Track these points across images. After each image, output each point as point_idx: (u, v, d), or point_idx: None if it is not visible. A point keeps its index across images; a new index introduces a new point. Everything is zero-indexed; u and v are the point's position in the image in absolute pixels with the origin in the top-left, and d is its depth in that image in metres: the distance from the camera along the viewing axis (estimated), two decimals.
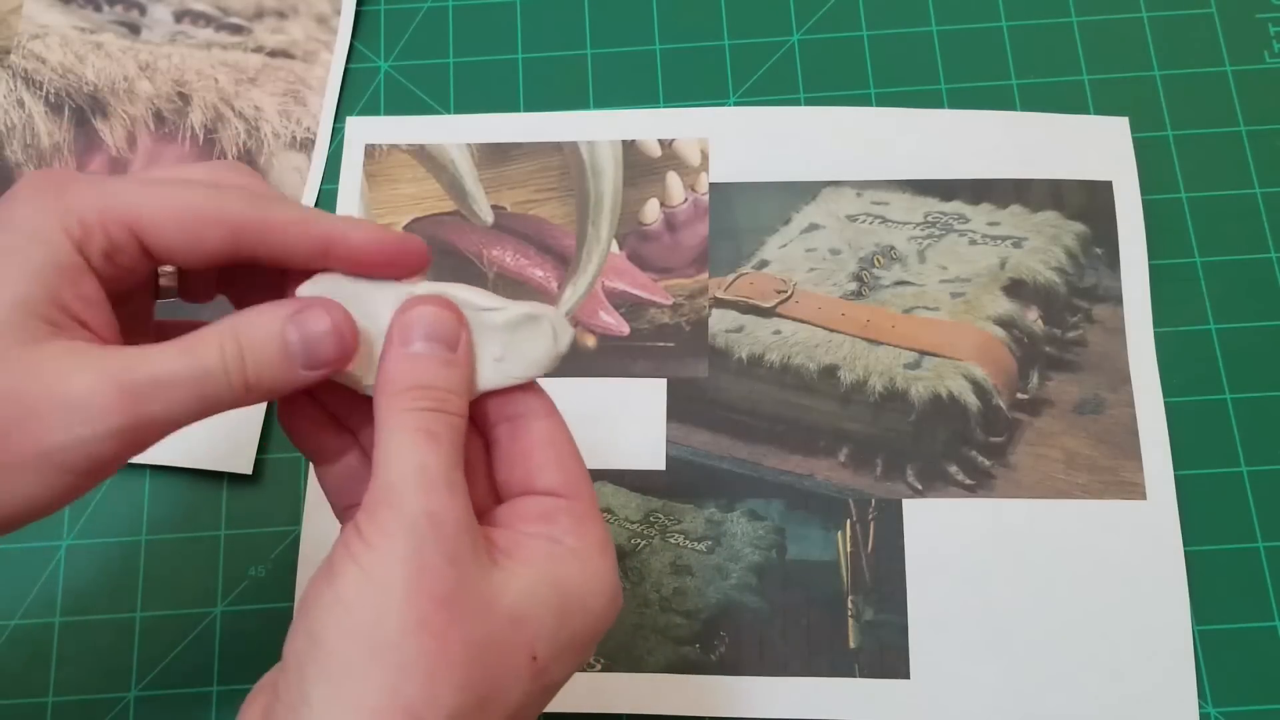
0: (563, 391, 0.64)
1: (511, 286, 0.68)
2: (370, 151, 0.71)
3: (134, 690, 0.63)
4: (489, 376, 0.46)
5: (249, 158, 0.71)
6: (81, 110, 0.72)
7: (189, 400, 0.42)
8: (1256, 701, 0.60)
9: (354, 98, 0.73)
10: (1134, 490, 0.63)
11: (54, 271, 0.43)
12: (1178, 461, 0.63)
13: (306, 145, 0.71)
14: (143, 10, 0.74)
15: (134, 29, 0.74)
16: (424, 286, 0.46)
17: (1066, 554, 0.62)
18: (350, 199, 0.70)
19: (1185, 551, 0.62)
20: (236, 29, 0.74)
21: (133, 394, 0.41)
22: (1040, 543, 0.62)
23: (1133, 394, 0.64)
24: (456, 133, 0.71)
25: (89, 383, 0.41)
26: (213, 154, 0.71)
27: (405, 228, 0.69)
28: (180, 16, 0.74)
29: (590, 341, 0.67)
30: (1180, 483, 0.63)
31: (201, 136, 0.71)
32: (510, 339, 0.46)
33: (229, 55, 0.73)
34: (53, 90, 0.72)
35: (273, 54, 0.73)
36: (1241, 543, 0.63)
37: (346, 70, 0.73)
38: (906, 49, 0.72)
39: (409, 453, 0.42)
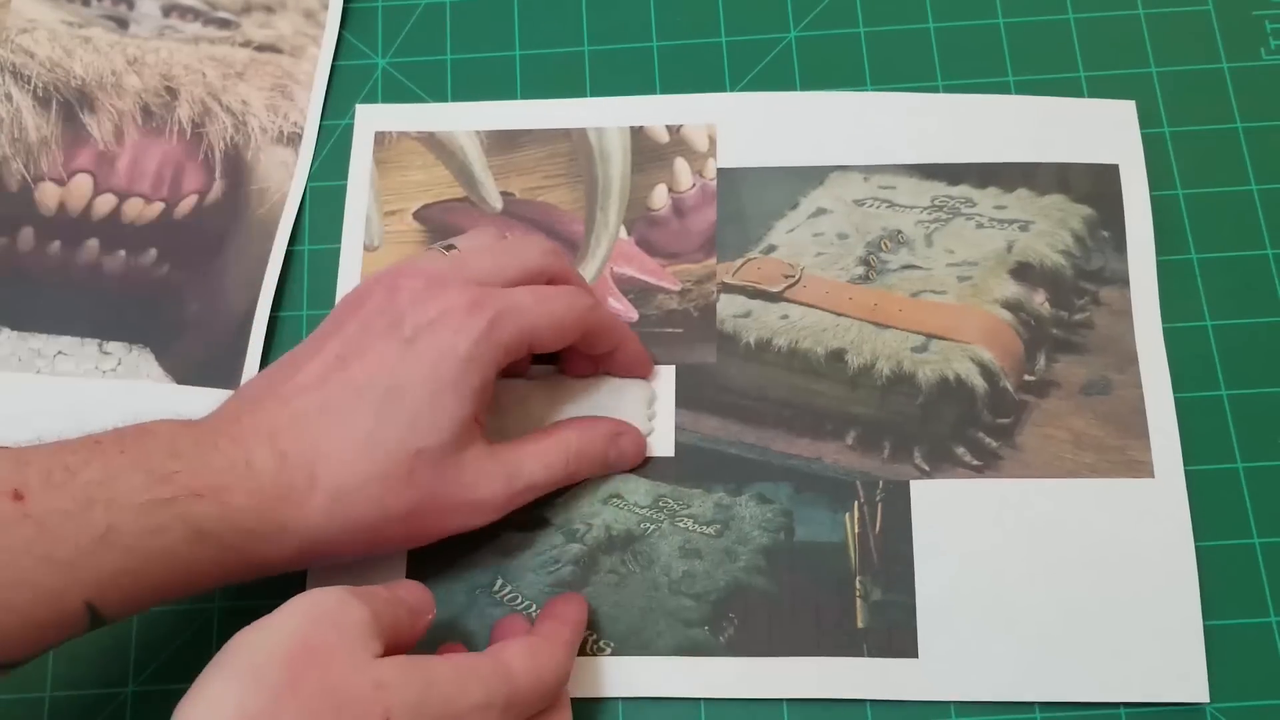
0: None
1: None
2: (380, 139, 0.71)
3: (131, 685, 0.62)
4: None
5: (236, 152, 0.71)
6: (69, 104, 0.72)
7: (537, 497, 0.61)
8: (1257, 697, 0.60)
9: (352, 94, 0.73)
10: (1142, 469, 0.63)
11: (482, 392, 0.57)
12: None
13: (294, 140, 0.72)
14: (130, 4, 0.74)
15: (122, 23, 0.74)
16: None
17: (1074, 533, 0.62)
18: (360, 186, 0.70)
19: None
20: (224, 24, 0.74)
21: (512, 497, 0.59)
22: (1048, 522, 0.62)
23: (1140, 374, 0.65)
24: (466, 119, 0.71)
25: (492, 491, 0.58)
26: (199, 149, 0.71)
27: (415, 214, 0.70)
28: (168, 11, 0.74)
29: None
30: None
31: (189, 131, 0.72)
32: None
33: (216, 50, 0.73)
34: (41, 84, 0.72)
35: (260, 49, 0.74)
36: (1238, 539, 0.63)
37: (340, 66, 0.74)
38: (903, 45, 0.73)
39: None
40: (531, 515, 0.63)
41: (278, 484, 0.54)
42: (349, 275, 0.69)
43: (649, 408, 0.65)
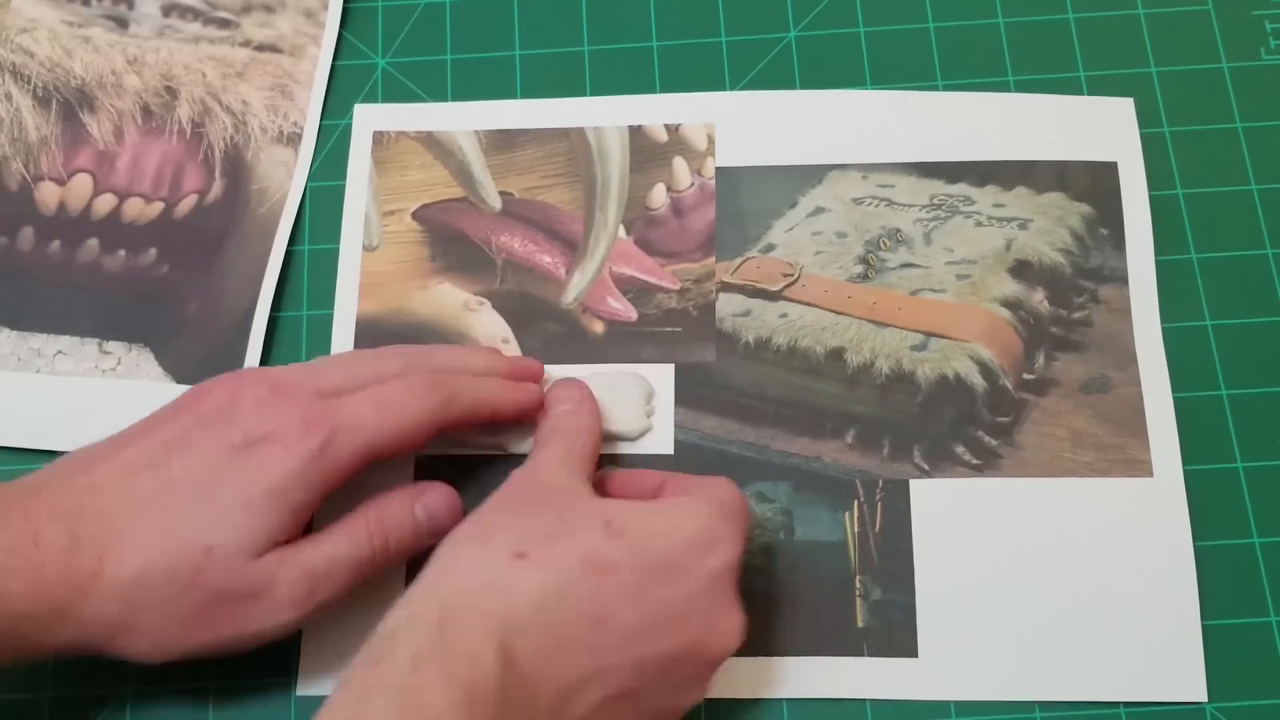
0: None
1: (519, 272, 0.68)
2: (379, 138, 0.71)
3: (131, 685, 0.62)
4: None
5: (236, 152, 0.71)
6: (69, 104, 0.72)
7: (349, 579, 0.57)
8: (1255, 697, 0.60)
9: (351, 94, 0.73)
10: (1141, 467, 0.63)
11: (303, 509, 0.56)
12: None
13: (294, 140, 0.72)
14: (130, 4, 0.75)
15: (122, 23, 0.74)
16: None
17: (1073, 532, 0.62)
18: (359, 186, 0.70)
19: None
20: (224, 23, 0.74)
21: (314, 588, 0.56)
22: (1047, 521, 0.62)
23: (1138, 373, 0.65)
24: (464, 119, 0.71)
25: (290, 592, 0.55)
26: (199, 149, 0.71)
27: (414, 214, 0.70)
28: (168, 10, 0.74)
29: (598, 327, 0.67)
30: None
31: (189, 131, 0.72)
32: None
33: (216, 49, 0.73)
34: (40, 84, 0.72)
35: (260, 48, 0.74)
36: (1237, 538, 0.63)
37: (340, 66, 0.74)
38: (903, 45, 0.73)
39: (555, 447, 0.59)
40: None
41: (61, 566, 0.52)
42: (348, 275, 0.69)
43: (647, 404, 0.65)
